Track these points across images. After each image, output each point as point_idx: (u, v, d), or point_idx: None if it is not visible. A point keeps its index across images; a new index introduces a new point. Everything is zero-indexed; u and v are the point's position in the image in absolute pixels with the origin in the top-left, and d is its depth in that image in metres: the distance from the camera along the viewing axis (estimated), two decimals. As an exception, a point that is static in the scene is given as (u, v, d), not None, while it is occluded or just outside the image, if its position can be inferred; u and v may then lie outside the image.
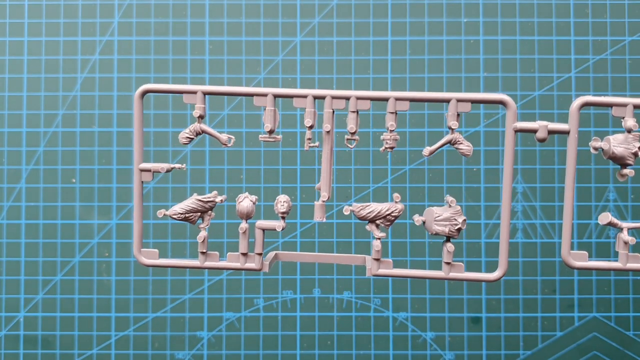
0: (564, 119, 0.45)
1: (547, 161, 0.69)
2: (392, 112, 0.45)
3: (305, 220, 0.69)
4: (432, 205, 0.46)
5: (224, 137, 0.46)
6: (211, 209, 0.47)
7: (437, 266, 0.70)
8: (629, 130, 0.44)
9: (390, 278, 0.68)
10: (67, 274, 0.69)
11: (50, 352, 0.68)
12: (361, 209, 0.46)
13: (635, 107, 0.44)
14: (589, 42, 0.69)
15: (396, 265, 0.47)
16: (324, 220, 0.47)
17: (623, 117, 0.44)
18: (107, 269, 0.69)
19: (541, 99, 0.69)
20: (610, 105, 0.44)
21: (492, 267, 0.69)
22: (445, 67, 0.69)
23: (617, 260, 0.45)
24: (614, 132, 0.47)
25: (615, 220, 0.45)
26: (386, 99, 0.45)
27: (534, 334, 0.68)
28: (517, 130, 0.45)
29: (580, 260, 0.46)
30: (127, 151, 0.69)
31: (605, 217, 0.45)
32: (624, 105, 0.44)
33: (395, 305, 0.68)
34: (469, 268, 0.70)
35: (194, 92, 0.46)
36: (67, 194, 0.69)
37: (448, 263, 0.46)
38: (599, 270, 0.46)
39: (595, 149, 0.45)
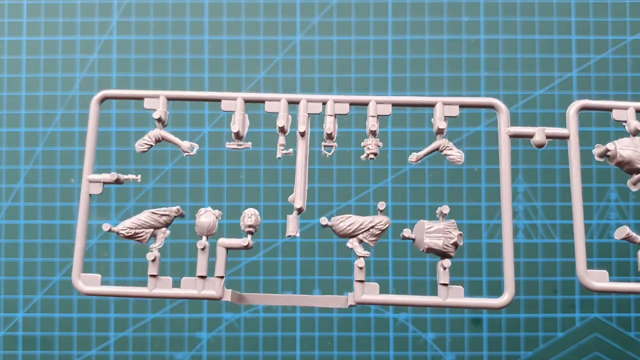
0: (565, 118, 0.45)
1: (548, 161, 0.68)
2: (373, 116, 0.42)
3: (305, 221, 0.69)
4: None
5: (186, 144, 0.42)
6: (167, 225, 0.41)
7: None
8: (635, 133, 0.41)
9: (391, 279, 0.68)
10: (66, 275, 0.69)
11: (49, 352, 0.68)
12: (340, 221, 0.39)
13: (637, 110, 0.41)
14: (590, 41, 0.69)
15: (395, 267, 0.45)
16: (298, 235, 0.41)
17: (625, 121, 0.41)
18: (106, 269, 0.69)
19: (542, 98, 0.68)
20: (609, 109, 0.41)
21: (493, 268, 0.69)
22: (446, 66, 0.69)
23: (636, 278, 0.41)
24: (616, 133, 0.44)
25: (634, 235, 0.40)
26: (366, 103, 0.42)
27: (535, 334, 0.68)
28: (511, 136, 0.42)
29: (600, 280, 0.40)
30: (126, 151, 0.69)
31: (622, 231, 0.40)
32: (625, 108, 0.41)
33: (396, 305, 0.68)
34: (469, 269, 0.70)
35: (157, 97, 0.42)
36: (66, 194, 0.69)
37: (445, 284, 0.40)
38: (622, 293, 0.41)
39: (601, 156, 0.41)
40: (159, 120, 0.41)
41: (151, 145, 0.42)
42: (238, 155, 0.69)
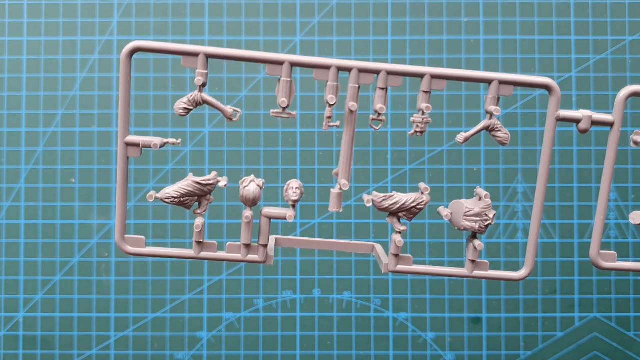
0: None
1: (548, 161, 0.68)
2: (426, 92, 0.40)
3: (304, 221, 0.69)
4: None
5: (229, 109, 0.40)
6: (210, 192, 0.41)
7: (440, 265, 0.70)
8: None
9: (391, 278, 0.68)
10: (66, 274, 0.69)
11: (50, 352, 0.68)
12: (383, 200, 0.41)
13: None
14: (590, 41, 0.69)
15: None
16: (341, 210, 0.41)
17: None
18: (106, 269, 0.69)
19: (542, 99, 0.69)
20: None
21: (493, 267, 0.68)
22: (446, 66, 0.69)
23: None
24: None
25: None
26: (421, 76, 0.40)
27: (535, 334, 0.68)
28: (559, 119, 0.40)
29: (608, 261, 0.42)
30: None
31: (638, 216, 0.41)
32: None
33: (396, 305, 0.68)
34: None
35: (195, 55, 0.38)
36: (67, 194, 0.69)
37: (473, 261, 0.42)
38: (629, 272, 0.42)
39: (636, 143, 0.41)
40: (203, 85, 0.39)
41: (190, 109, 0.40)
42: (274, 120, 0.69)
